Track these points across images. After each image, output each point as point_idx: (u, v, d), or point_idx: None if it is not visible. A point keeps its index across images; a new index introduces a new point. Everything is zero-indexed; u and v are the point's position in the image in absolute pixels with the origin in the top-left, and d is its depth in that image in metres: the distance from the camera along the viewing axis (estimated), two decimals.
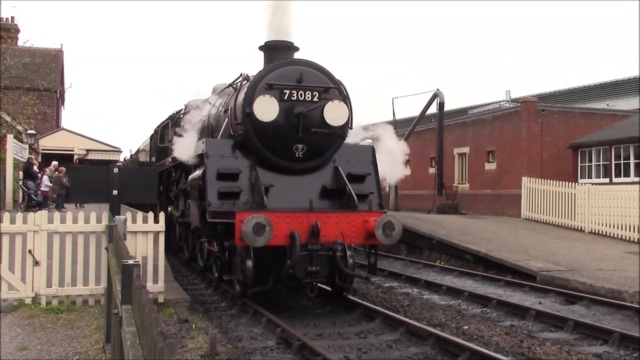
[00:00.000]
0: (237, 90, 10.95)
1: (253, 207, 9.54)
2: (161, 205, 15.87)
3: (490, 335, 8.46)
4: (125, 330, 2.37)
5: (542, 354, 7.54)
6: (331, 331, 8.66)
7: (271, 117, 9.83)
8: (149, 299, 2.24)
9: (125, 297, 2.83)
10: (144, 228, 9.63)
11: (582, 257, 14.75)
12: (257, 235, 8.71)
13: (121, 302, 2.89)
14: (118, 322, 2.80)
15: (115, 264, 4.72)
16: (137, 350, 2.02)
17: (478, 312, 10.27)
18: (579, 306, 10.62)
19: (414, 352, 7.62)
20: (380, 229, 9.44)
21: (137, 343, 2.12)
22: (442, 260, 16.76)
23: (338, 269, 9.62)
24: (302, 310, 10.05)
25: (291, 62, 10.50)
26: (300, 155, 10.16)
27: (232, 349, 7.61)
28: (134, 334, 2.23)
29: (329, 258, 9.38)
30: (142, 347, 2.04)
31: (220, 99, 12.72)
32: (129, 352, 2.03)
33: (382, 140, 11.76)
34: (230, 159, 10.12)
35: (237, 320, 9.36)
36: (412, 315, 9.73)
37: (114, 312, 3.01)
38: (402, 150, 11.86)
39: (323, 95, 10.19)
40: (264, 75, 10.20)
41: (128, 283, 2.82)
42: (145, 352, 1.92)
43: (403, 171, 12.49)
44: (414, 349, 7.79)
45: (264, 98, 9.84)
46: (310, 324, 9.12)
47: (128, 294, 2.81)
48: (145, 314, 2.02)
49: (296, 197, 9.96)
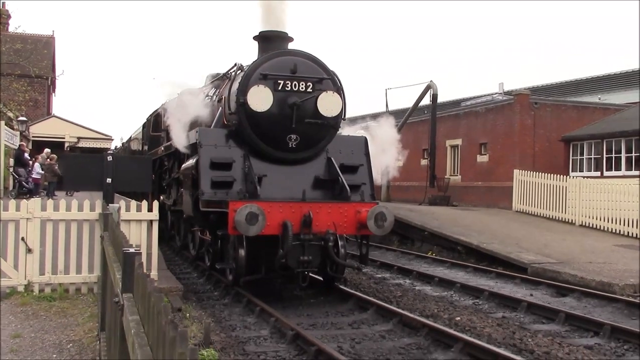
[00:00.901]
0: (231, 80, 10.92)
1: (246, 196, 9.54)
2: (153, 194, 15.83)
3: (482, 326, 8.52)
4: (128, 319, 2.37)
5: (534, 345, 7.60)
6: (324, 321, 8.69)
7: (265, 107, 9.82)
8: (155, 288, 2.24)
9: (126, 285, 2.84)
10: (138, 217, 9.60)
11: (573, 249, 14.85)
12: (250, 225, 8.72)
13: (122, 290, 2.90)
14: (120, 311, 2.81)
15: (112, 252, 4.71)
16: (142, 338, 2.03)
17: (470, 303, 10.33)
18: (569, 298, 10.70)
19: (407, 343, 7.66)
20: (373, 219, 9.47)
21: (142, 331, 2.13)
22: (433, 252, 16.83)
23: (330, 258, 9.65)
24: (295, 300, 10.08)
25: (285, 52, 10.48)
26: (294, 145, 10.17)
27: (225, 338, 7.63)
28: (137, 323, 2.23)
29: (321, 248, 9.41)
30: (147, 336, 2.05)
31: (214, 88, 12.69)
32: (133, 341, 2.03)
33: (377, 133, 11.79)
34: (223, 149, 10.12)
35: (230, 309, 9.37)
36: (405, 306, 9.78)
37: (115, 301, 3.01)
38: (396, 145, 11.89)
39: (317, 86, 10.19)
40: (258, 65, 10.18)
41: (130, 271, 2.83)
42: (151, 341, 1.93)
43: (395, 164, 12.53)
44: (407, 339, 7.83)
45: (258, 88, 9.83)
46: (304, 313, 9.15)
47: (129, 282, 2.82)
48: (151, 302, 2.03)
49: (289, 187, 9.98)
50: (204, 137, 10.14)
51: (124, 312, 2.61)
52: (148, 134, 18.45)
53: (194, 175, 10.26)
